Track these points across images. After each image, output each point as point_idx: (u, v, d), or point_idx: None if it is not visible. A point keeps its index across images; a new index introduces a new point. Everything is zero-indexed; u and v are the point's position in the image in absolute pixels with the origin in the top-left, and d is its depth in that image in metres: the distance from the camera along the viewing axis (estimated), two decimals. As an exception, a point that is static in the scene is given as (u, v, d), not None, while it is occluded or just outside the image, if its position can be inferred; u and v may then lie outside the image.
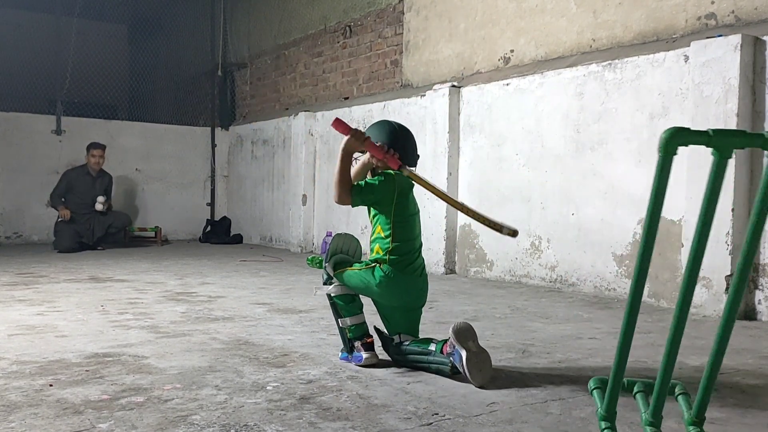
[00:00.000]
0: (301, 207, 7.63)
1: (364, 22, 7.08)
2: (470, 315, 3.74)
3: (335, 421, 1.93)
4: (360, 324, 2.65)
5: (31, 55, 8.80)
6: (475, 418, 1.98)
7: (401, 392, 2.23)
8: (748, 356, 2.81)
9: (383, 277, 2.56)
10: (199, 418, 1.93)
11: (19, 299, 4.08)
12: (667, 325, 3.55)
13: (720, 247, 3.76)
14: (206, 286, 4.82)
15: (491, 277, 5.37)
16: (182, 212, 9.33)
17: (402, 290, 2.60)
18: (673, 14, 4.32)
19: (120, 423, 1.88)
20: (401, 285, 2.59)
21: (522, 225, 5.14)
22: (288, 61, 8.49)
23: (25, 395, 2.13)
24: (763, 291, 3.74)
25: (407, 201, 2.63)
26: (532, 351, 2.89)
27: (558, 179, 4.87)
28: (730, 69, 3.74)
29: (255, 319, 3.55)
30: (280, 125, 8.38)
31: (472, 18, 5.74)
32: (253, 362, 2.61)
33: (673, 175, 4.52)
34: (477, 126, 5.53)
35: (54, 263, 6.11)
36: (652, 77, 4.27)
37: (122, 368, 2.48)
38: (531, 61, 5.24)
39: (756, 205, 1.39)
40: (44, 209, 8.04)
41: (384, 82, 6.78)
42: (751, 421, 1.98)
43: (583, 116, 4.70)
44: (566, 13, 4.97)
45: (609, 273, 4.51)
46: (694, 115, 3.91)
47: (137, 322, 3.39)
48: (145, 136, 9.13)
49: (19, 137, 8.26)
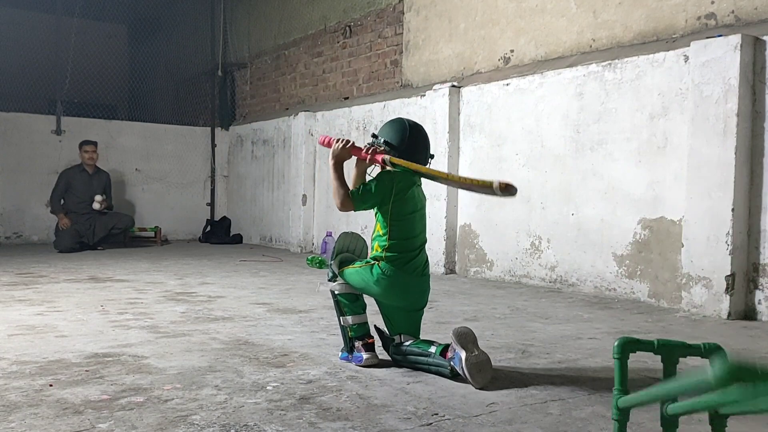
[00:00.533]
0: (301, 207, 7.63)
1: (364, 22, 7.08)
2: (470, 315, 3.74)
3: (335, 421, 1.93)
4: (362, 324, 2.64)
5: (31, 55, 8.79)
6: (475, 418, 1.98)
7: (401, 392, 2.23)
8: (748, 356, 2.81)
9: (381, 274, 2.56)
10: (199, 418, 1.93)
11: (19, 299, 4.08)
12: (667, 325, 3.56)
13: (720, 247, 3.76)
14: (206, 286, 4.82)
15: (491, 277, 5.37)
16: (182, 212, 9.33)
17: (400, 289, 2.59)
18: (673, 14, 4.32)
19: (120, 423, 1.88)
20: (399, 283, 2.58)
21: (522, 225, 5.15)
22: (288, 61, 8.49)
23: (25, 395, 2.13)
24: (763, 291, 3.74)
25: (406, 199, 2.61)
26: (532, 351, 2.89)
27: (558, 179, 4.87)
28: (730, 69, 3.74)
29: (255, 319, 3.55)
30: (280, 125, 8.38)
31: (472, 18, 5.74)
32: (253, 362, 2.61)
33: (673, 175, 4.52)
34: (477, 126, 5.53)
35: (54, 263, 6.11)
36: (652, 77, 4.27)
37: (122, 368, 2.48)
38: (531, 61, 5.24)
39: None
40: (44, 209, 8.04)
41: (384, 82, 6.78)
42: (752, 421, 1.97)
43: (583, 116, 4.70)
44: (566, 13, 4.97)
45: (609, 273, 4.51)
46: (694, 115, 3.91)
47: (137, 322, 3.39)
48: (145, 136, 9.14)
49: (19, 137, 8.26)
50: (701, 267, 3.84)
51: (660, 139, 4.23)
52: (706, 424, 1.52)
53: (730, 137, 3.73)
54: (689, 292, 3.90)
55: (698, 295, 3.85)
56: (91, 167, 7.74)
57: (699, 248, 3.86)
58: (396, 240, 2.59)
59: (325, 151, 7.45)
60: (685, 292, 3.92)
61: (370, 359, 2.57)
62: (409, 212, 2.61)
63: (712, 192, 3.80)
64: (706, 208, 3.83)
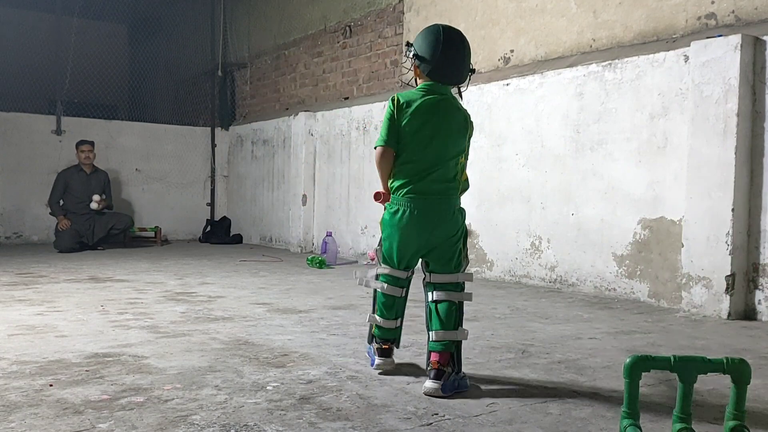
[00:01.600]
0: (301, 207, 7.63)
1: (364, 22, 7.08)
2: (470, 315, 3.74)
3: (335, 421, 1.93)
4: (388, 329, 2.47)
5: (31, 55, 8.80)
6: (475, 418, 1.98)
7: (401, 392, 2.23)
8: (748, 356, 2.81)
9: (384, 215, 2.41)
10: (199, 418, 1.93)
11: (19, 299, 4.08)
12: (667, 325, 3.56)
13: (720, 247, 3.76)
14: (206, 286, 4.82)
15: (491, 278, 5.37)
16: (182, 212, 9.33)
17: (394, 224, 2.37)
18: (673, 14, 4.32)
19: (120, 423, 1.88)
20: (396, 217, 2.36)
21: (522, 225, 5.15)
22: (288, 61, 8.49)
23: (25, 395, 2.13)
24: (763, 291, 3.74)
25: (410, 114, 2.37)
26: (532, 351, 2.89)
27: (558, 179, 4.87)
28: (730, 69, 3.74)
29: (255, 319, 3.55)
30: (280, 125, 8.38)
31: (472, 18, 5.74)
32: (253, 362, 2.60)
33: (673, 175, 4.52)
34: (477, 126, 5.48)
35: (54, 263, 6.11)
36: (652, 77, 4.27)
37: (122, 368, 2.48)
38: (531, 61, 5.24)
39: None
40: (44, 209, 8.03)
41: (384, 82, 6.78)
42: (752, 422, 1.97)
43: (583, 116, 4.70)
44: (566, 13, 4.97)
45: (609, 273, 4.51)
46: (694, 115, 3.91)
47: (137, 322, 3.39)
48: (145, 136, 9.13)
49: (19, 137, 8.25)
50: (701, 267, 3.84)
51: (660, 139, 4.23)
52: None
53: (730, 137, 3.73)
54: (689, 292, 3.90)
55: (698, 295, 3.85)
56: (88, 167, 7.73)
57: (699, 248, 3.86)
58: (399, 166, 2.38)
59: (324, 151, 7.46)
60: (685, 292, 3.92)
61: (381, 365, 2.44)
62: (413, 131, 2.36)
63: (712, 192, 3.80)
64: (706, 208, 3.83)
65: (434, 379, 2.21)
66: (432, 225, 2.34)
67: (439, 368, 2.23)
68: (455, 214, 2.38)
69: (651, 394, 2.25)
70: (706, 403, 2.16)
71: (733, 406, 1.64)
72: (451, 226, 2.37)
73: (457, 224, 2.39)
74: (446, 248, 2.37)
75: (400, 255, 2.42)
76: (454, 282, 2.37)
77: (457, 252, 2.39)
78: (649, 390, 2.28)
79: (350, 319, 3.59)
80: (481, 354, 2.81)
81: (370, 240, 6.67)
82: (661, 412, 2.05)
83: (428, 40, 2.37)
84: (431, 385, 2.20)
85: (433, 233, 2.35)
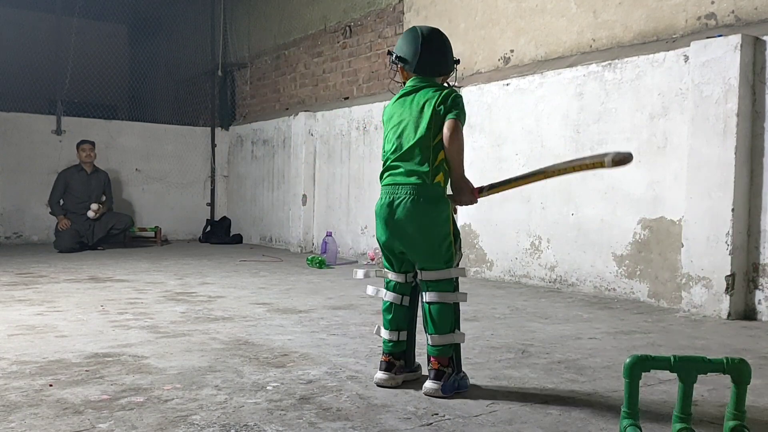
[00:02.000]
0: (301, 207, 7.63)
1: (364, 22, 7.08)
2: (470, 315, 3.74)
3: (335, 421, 1.93)
4: (386, 341, 2.35)
5: (31, 55, 8.80)
6: (475, 418, 1.98)
7: (401, 392, 2.23)
8: (748, 356, 2.81)
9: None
10: (199, 418, 1.94)
11: (19, 299, 4.08)
12: (667, 325, 3.56)
13: (720, 247, 3.76)
14: (206, 286, 4.83)
15: (491, 277, 5.37)
16: (182, 212, 9.33)
17: (376, 215, 2.36)
18: (673, 14, 4.32)
19: (120, 423, 1.88)
20: (376, 208, 2.37)
21: (522, 225, 5.15)
22: (288, 61, 8.49)
23: (25, 395, 2.13)
24: (763, 291, 3.74)
25: (388, 113, 2.42)
26: (532, 351, 2.89)
27: (558, 179, 4.86)
28: (730, 69, 3.74)
29: (255, 319, 3.55)
30: (280, 125, 8.38)
31: (472, 18, 5.74)
32: (253, 362, 2.61)
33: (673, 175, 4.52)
34: (477, 126, 5.53)
35: (54, 263, 6.11)
36: (652, 77, 4.28)
37: (122, 368, 2.48)
38: (531, 61, 5.24)
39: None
40: (44, 209, 8.03)
41: (384, 82, 6.78)
42: (752, 422, 1.97)
43: (582, 116, 4.70)
44: (566, 13, 4.97)
45: (609, 273, 4.51)
46: (694, 116, 3.91)
47: (137, 322, 3.39)
48: (145, 136, 9.14)
49: (19, 137, 8.26)
50: (701, 267, 3.84)
51: (660, 139, 4.23)
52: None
53: (730, 137, 3.73)
54: (689, 292, 3.90)
55: (698, 295, 3.85)
56: (89, 166, 7.73)
57: (699, 248, 3.86)
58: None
59: (324, 151, 7.46)
60: (685, 292, 3.92)
61: (378, 380, 2.30)
62: (387, 122, 2.42)
63: (712, 192, 3.80)
64: (706, 208, 3.83)
65: (434, 379, 2.21)
66: (400, 215, 2.26)
67: (439, 368, 2.23)
68: (429, 203, 2.25)
69: (651, 394, 2.25)
70: (706, 403, 2.16)
71: (733, 406, 1.64)
72: (422, 216, 2.24)
73: (431, 214, 2.26)
74: (424, 240, 2.26)
75: (385, 249, 2.37)
76: (445, 279, 2.27)
77: (443, 246, 2.28)
78: (649, 390, 2.28)
79: (350, 319, 3.59)
80: (481, 354, 2.81)
81: (370, 240, 6.67)
82: (661, 412, 2.05)
83: (407, 39, 2.41)
84: (431, 386, 2.20)
85: (404, 226, 2.26)
